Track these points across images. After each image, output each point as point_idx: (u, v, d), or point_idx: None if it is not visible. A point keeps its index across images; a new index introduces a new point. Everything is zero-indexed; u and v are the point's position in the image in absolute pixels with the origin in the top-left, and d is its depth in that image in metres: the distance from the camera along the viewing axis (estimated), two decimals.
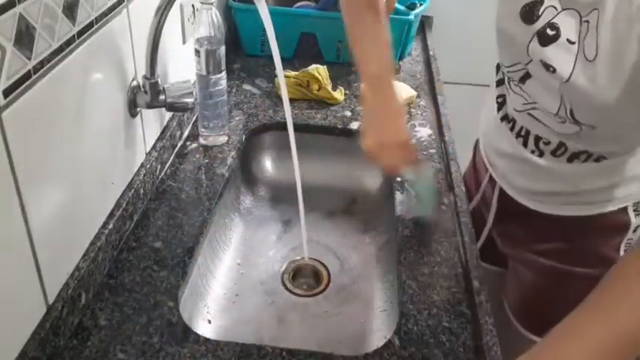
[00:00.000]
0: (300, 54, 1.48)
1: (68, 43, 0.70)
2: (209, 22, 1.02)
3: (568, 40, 0.72)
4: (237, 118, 1.23)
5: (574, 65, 0.72)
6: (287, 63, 1.39)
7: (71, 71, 0.71)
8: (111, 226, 0.84)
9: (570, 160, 0.84)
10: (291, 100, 1.24)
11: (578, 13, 0.71)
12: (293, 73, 1.29)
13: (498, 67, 0.93)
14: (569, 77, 0.73)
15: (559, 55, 0.74)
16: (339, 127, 1.22)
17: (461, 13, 1.74)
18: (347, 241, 1.12)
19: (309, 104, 1.29)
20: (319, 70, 1.28)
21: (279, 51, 0.90)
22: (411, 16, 1.42)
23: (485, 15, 1.82)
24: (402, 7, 1.44)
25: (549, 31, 0.74)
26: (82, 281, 0.76)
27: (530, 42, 0.77)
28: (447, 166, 1.10)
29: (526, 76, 0.82)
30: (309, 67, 1.29)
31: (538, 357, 0.63)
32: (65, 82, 0.70)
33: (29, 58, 0.62)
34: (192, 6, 1.16)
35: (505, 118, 0.92)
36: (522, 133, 0.88)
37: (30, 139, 0.64)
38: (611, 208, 0.87)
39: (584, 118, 0.76)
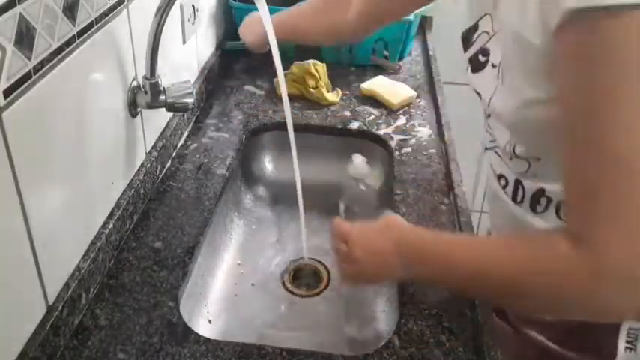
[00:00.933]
0: (300, 54, 1.48)
1: (68, 43, 0.70)
2: None
3: (492, 64, 0.71)
4: (237, 118, 1.23)
5: (495, 89, 0.70)
6: (287, 63, 1.39)
7: (71, 71, 0.71)
8: (111, 226, 0.84)
9: (533, 207, 0.76)
10: (291, 98, 1.24)
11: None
12: (291, 68, 1.30)
13: None
14: (489, 101, 0.71)
15: (485, 81, 0.73)
16: (339, 127, 1.22)
17: (461, 13, 1.73)
18: None
19: (308, 104, 1.29)
20: (317, 67, 1.28)
21: (279, 51, 0.90)
22: (411, 16, 1.42)
23: None
24: None
25: (481, 57, 0.73)
26: (82, 281, 0.76)
27: (466, 70, 0.77)
28: (447, 166, 1.10)
29: (485, 112, 0.80)
30: (307, 61, 1.29)
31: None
32: (65, 82, 0.70)
33: (29, 59, 0.62)
34: (193, 6, 1.16)
35: (485, 150, 0.87)
36: (496, 172, 0.83)
37: (30, 140, 0.64)
38: None
39: (524, 151, 0.72)
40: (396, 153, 1.15)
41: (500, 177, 0.81)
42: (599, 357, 0.76)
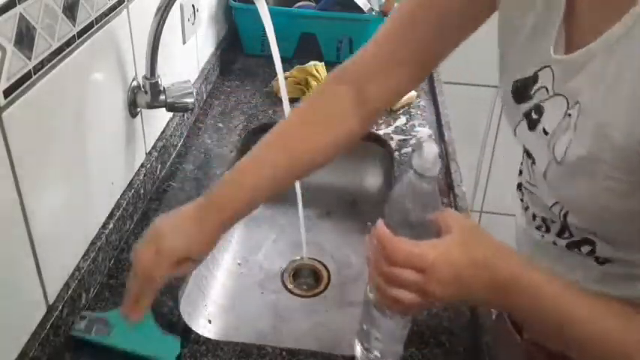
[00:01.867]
0: (300, 54, 1.48)
1: (68, 43, 0.70)
2: None
3: (544, 129, 0.61)
4: (237, 118, 1.23)
5: (549, 161, 0.60)
6: (287, 63, 1.39)
7: (71, 71, 0.71)
8: (111, 226, 0.84)
9: (570, 247, 0.66)
10: (292, 100, 1.24)
11: (567, 102, 0.58)
12: (292, 72, 1.30)
13: None
14: (545, 174, 0.61)
15: (537, 145, 0.62)
16: None
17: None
18: (347, 241, 1.12)
19: None
20: (317, 68, 1.28)
21: (279, 51, 0.90)
22: None
23: None
24: None
25: (534, 115, 0.62)
26: (82, 281, 0.76)
27: (518, 124, 0.65)
28: (447, 166, 1.10)
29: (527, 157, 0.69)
30: (308, 64, 1.29)
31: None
32: (65, 82, 0.70)
33: (29, 59, 0.62)
34: (193, 6, 1.16)
35: (519, 186, 0.74)
36: (528, 210, 0.71)
37: (30, 140, 0.64)
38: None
39: (578, 223, 0.62)
40: (396, 153, 1.15)
41: (541, 218, 0.68)
42: None
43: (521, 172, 0.73)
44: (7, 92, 0.59)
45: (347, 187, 1.23)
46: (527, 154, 0.66)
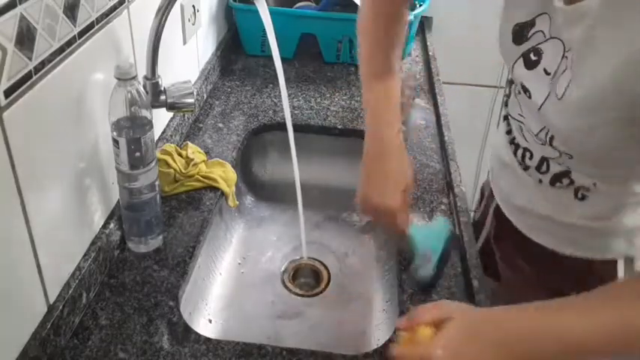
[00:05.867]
0: (300, 54, 1.48)
1: (69, 43, 0.70)
2: (128, 100, 0.77)
3: (545, 70, 0.70)
4: (237, 118, 1.23)
5: (546, 97, 0.70)
6: (287, 63, 1.39)
7: (72, 72, 0.71)
8: (112, 225, 0.84)
9: (553, 182, 0.79)
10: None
11: (563, 45, 0.67)
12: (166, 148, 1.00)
13: None
14: (540, 107, 0.71)
15: (536, 83, 0.72)
16: (339, 127, 1.23)
17: (461, 13, 1.74)
18: (347, 241, 1.13)
19: (309, 105, 1.29)
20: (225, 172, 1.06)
21: (280, 51, 0.90)
22: (411, 17, 1.42)
23: (485, 15, 1.82)
24: None
25: (532, 56, 0.72)
26: (82, 281, 0.76)
27: (515, 62, 0.75)
28: (447, 166, 1.10)
29: (519, 91, 0.79)
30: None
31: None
32: (66, 82, 0.71)
33: (30, 59, 0.62)
34: (193, 6, 1.16)
35: (506, 118, 0.88)
36: (515, 141, 0.84)
37: (31, 140, 0.64)
38: (598, 256, 0.81)
39: (560, 146, 0.73)
40: None
41: (524, 149, 0.82)
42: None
43: (506, 105, 0.86)
44: (8, 92, 0.59)
45: (347, 187, 1.23)
46: (524, 88, 0.74)
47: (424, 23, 1.70)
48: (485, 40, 0.92)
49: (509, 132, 0.86)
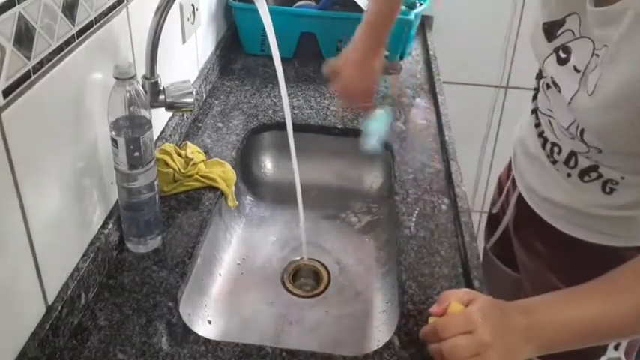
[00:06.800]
0: (300, 54, 1.48)
1: (68, 42, 0.70)
2: (127, 100, 0.76)
3: (574, 67, 0.73)
4: (237, 118, 1.23)
5: (575, 92, 0.72)
6: (287, 62, 1.39)
7: (71, 71, 0.71)
8: (110, 225, 0.84)
9: (582, 176, 0.82)
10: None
11: (593, 43, 0.71)
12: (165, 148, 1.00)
13: None
14: (570, 101, 0.74)
15: (565, 79, 0.75)
16: (339, 127, 1.22)
17: (461, 13, 1.74)
18: (347, 241, 1.12)
19: (308, 104, 1.29)
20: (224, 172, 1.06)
21: (279, 50, 0.90)
22: (411, 16, 1.42)
23: (485, 15, 1.82)
24: (402, 7, 1.44)
25: (562, 54, 0.75)
26: (81, 281, 0.76)
27: (547, 58, 0.78)
28: (447, 166, 1.10)
29: (548, 85, 0.83)
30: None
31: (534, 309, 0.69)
32: (65, 82, 0.70)
33: (29, 58, 0.62)
34: (192, 5, 1.15)
35: (534, 111, 0.91)
36: (543, 134, 0.88)
37: (30, 139, 0.64)
38: (623, 244, 0.83)
39: (590, 140, 0.75)
40: (396, 153, 1.14)
41: (552, 144, 0.85)
42: None
43: (535, 98, 0.90)
44: (7, 92, 0.59)
45: (347, 187, 1.23)
46: (554, 83, 0.78)
47: (425, 22, 1.69)
48: (486, 39, 0.92)
49: (537, 125, 0.89)
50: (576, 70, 0.73)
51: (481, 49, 1.73)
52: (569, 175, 0.84)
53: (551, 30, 0.77)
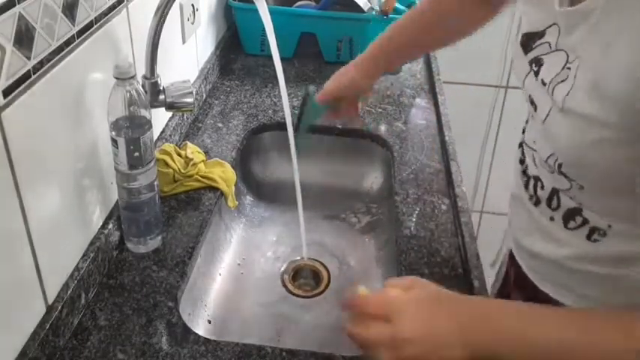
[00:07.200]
0: (300, 54, 1.48)
1: (68, 42, 0.70)
2: (127, 100, 0.77)
3: (542, 80, 0.67)
4: (237, 118, 1.23)
5: (550, 109, 0.65)
6: (287, 62, 1.39)
7: (71, 71, 0.71)
8: (110, 226, 0.84)
9: (566, 220, 0.71)
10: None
11: (567, 56, 0.64)
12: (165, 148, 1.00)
13: None
14: (544, 120, 0.66)
15: (539, 95, 0.68)
16: (339, 127, 1.22)
17: None
18: (347, 241, 1.12)
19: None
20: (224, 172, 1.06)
21: (279, 51, 0.90)
22: None
23: None
24: (402, 7, 1.44)
25: (534, 67, 0.69)
26: (81, 281, 0.76)
27: (527, 75, 0.71)
28: (447, 166, 1.10)
29: (531, 106, 0.73)
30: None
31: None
32: (65, 81, 0.70)
33: (29, 58, 0.62)
34: (192, 5, 1.15)
35: (520, 145, 0.80)
36: (527, 171, 0.77)
37: (29, 139, 0.64)
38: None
39: (569, 171, 0.66)
40: (396, 153, 1.14)
41: (535, 178, 0.75)
42: None
43: (524, 131, 0.80)
44: (7, 92, 0.59)
45: (347, 187, 1.23)
46: (531, 102, 0.71)
47: None
48: (486, 39, 0.91)
49: (522, 161, 0.79)
50: (543, 83, 0.66)
51: (481, 49, 1.73)
52: (552, 219, 0.73)
53: (528, 41, 0.71)
